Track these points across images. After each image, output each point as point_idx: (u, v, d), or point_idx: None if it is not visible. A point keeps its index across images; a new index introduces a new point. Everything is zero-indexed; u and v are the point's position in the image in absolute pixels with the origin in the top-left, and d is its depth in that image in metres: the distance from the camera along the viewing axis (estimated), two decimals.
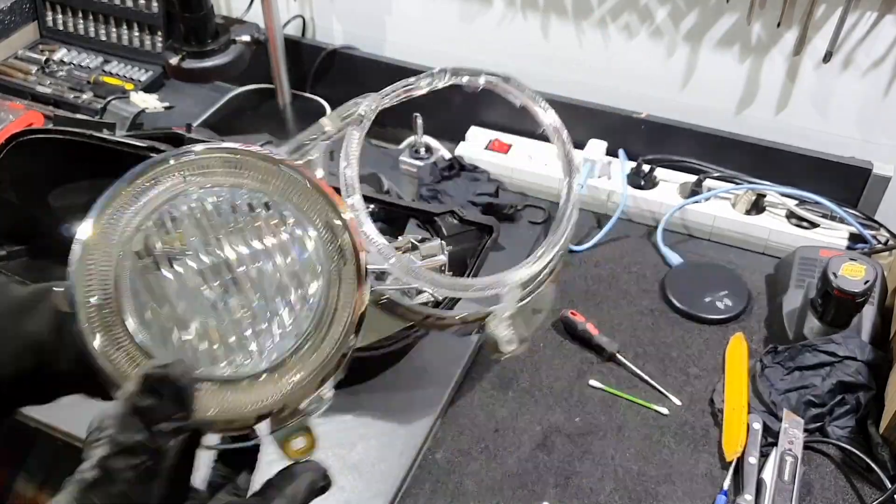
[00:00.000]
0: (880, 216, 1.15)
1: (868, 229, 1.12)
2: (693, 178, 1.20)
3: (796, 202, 1.16)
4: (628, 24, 1.25)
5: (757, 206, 1.17)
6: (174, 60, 1.22)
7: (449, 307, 0.78)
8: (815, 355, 0.94)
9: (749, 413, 0.93)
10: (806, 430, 0.90)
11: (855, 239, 1.13)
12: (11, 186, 0.85)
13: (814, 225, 1.15)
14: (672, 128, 1.24)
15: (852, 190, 1.17)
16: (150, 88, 1.48)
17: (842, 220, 1.14)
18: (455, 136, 1.31)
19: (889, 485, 0.85)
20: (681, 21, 1.22)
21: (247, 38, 1.26)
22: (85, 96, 1.44)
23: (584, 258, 1.16)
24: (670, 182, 1.22)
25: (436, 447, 0.92)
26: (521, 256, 0.58)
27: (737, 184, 1.18)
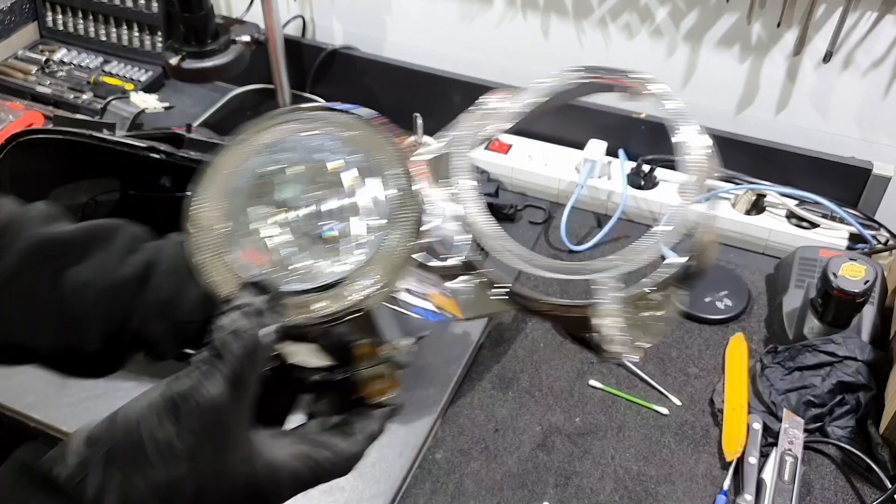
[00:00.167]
0: (880, 216, 1.15)
1: (868, 229, 1.12)
2: None
3: (796, 202, 1.15)
4: (628, 24, 1.25)
5: (757, 206, 1.17)
6: (174, 60, 1.22)
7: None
8: (815, 355, 0.94)
9: (749, 413, 0.93)
10: (806, 431, 0.90)
11: (855, 239, 1.13)
12: (11, 186, 0.84)
13: (814, 225, 1.15)
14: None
15: (852, 190, 1.17)
16: (150, 88, 1.48)
17: (842, 220, 1.14)
18: None
19: (889, 485, 0.85)
20: (681, 21, 1.22)
21: (247, 38, 1.26)
22: (85, 96, 1.44)
23: (584, 258, 1.16)
24: (670, 182, 1.22)
25: (436, 447, 0.92)
26: None
27: (737, 184, 1.18)
